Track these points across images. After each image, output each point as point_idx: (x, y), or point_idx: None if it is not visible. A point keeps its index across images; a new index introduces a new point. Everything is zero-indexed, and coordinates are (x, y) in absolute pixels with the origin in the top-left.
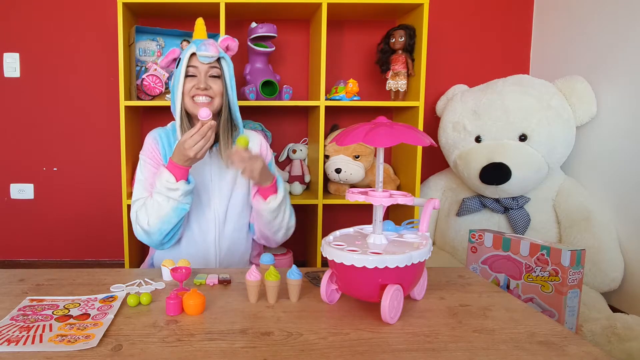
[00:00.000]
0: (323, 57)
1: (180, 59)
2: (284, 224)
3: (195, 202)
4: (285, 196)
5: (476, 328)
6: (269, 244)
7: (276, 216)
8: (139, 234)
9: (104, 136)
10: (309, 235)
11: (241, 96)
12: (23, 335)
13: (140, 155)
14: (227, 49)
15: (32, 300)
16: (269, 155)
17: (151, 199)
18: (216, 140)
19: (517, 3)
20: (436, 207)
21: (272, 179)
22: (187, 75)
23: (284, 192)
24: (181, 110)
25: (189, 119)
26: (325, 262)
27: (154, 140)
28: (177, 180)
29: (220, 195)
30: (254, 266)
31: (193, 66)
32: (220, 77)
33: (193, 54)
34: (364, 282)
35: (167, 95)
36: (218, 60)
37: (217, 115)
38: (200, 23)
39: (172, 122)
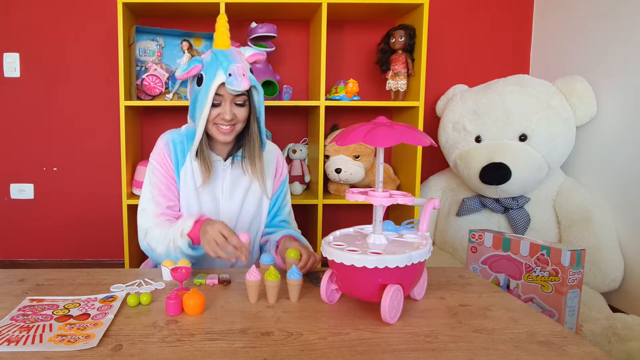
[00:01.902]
0: (323, 57)
1: (201, 74)
2: None
3: (205, 214)
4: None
5: (476, 328)
6: None
7: None
8: (144, 249)
9: (104, 136)
10: (309, 235)
11: None
12: (23, 335)
13: (150, 159)
14: (255, 62)
15: (32, 300)
16: (284, 172)
17: (161, 229)
18: (236, 150)
19: (517, 3)
20: (436, 207)
21: None
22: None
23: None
24: (203, 133)
25: (208, 138)
26: (325, 262)
27: (166, 146)
28: (187, 234)
29: (230, 209)
30: (253, 266)
31: (219, 94)
32: (245, 104)
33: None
34: (364, 282)
35: (167, 95)
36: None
37: (240, 136)
38: (222, 22)
39: (186, 125)
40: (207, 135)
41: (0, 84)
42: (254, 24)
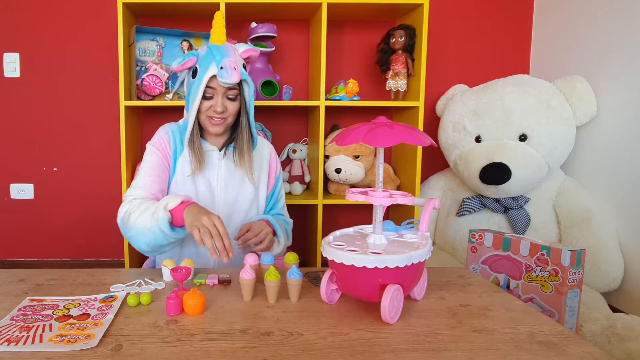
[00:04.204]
0: (323, 57)
1: (196, 67)
2: (287, 245)
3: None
4: (284, 231)
5: (476, 328)
6: None
7: (279, 251)
8: (121, 220)
9: (104, 136)
10: (309, 235)
11: None
12: (23, 335)
13: (148, 145)
14: (248, 58)
15: (32, 300)
16: (278, 167)
17: (145, 205)
18: (230, 142)
19: (517, 3)
20: (436, 207)
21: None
22: (204, 97)
23: (283, 235)
24: (194, 123)
25: (201, 129)
26: (325, 262)
27: (166, 134)
28: (169, 211)
29: (225, 199)
30: (248, 265)
31: (211, 87)
32: (236, 98)
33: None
34: (364, 282)
35: (167, 95)
36: (239, 81)
37: (232, 129)
38: (219, 18)
39: (183, 118)
40: (200, 127)
41: (0, 84)
42: (254, 24)
